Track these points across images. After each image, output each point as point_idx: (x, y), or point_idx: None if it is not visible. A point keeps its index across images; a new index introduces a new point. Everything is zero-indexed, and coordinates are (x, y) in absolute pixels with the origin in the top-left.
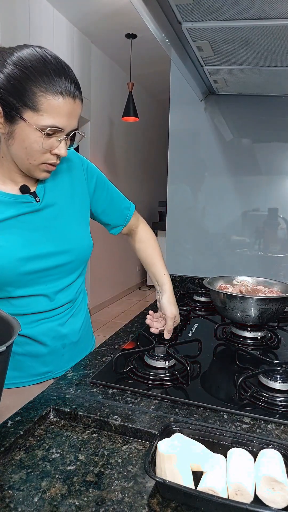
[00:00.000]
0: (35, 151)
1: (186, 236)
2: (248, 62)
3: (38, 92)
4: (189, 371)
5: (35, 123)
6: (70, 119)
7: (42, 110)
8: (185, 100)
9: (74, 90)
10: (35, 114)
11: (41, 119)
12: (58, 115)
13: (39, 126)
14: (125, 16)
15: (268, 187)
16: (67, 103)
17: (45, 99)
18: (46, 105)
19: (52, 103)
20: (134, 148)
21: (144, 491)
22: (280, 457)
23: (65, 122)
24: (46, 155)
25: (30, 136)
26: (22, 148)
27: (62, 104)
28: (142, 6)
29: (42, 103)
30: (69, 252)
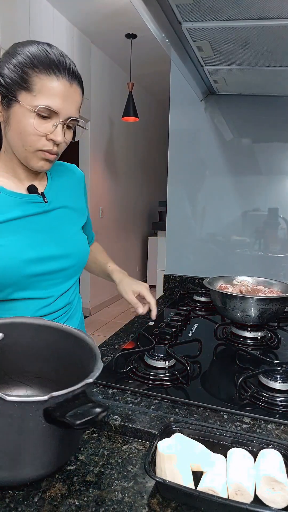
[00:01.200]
0: (29, 134)
1: (186, 236)
2: (248, 62)
3: (32, 73)
4: (189, 371)
5: (29, 103)
6: (65, 102)
7: (35, 90)
8: (185, 100)
9: (70, 74)
10: (29, 94)
11: (35, 99)
12: (51, 95)
13: (32, 105)
14: (125, 16)
15: (268, 187)
16: (61, 84)
17: (38, 79)
18: (40, 85)
19: (45, 83)
20: (134, 148)
21: (144, 491)
22: (280, 457)
23: (59, 105)
24: (42, 141)
25: (24, 119)
26: (17, 133)
27: (55, 85)
28: (142, 6)
29: (35, 83)
30: (71, 256)
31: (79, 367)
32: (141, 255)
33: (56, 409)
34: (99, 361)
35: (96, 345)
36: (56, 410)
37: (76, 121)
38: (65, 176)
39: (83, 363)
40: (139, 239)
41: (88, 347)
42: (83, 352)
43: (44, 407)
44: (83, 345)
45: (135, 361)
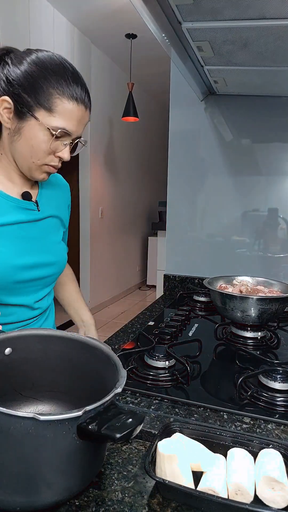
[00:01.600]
0: (41, 150)
1: (186, 236)
2: (248, 62)
3: (54, 94)
4: (189, 371)
5: (47, 123)
6: (79, 125)
7: (56, 112)
8: (185, 100)
9: (87, 99)
10: (49, 114)
11: (54, 120)
12: (70, 119)
13: (50, 126)
14: (125, 16)
15: (268, 187)
16: (80, 109)
17: (60, 102)
18: (61, 108)
19: (66, 106)
20: (134, 148)
21: (144, 491)
22: (280, 457)
23: (75, 128)
24: (50, 157)
25: (39, 135)
26: (28, 146)
27: (75, 110)
28: (142, 6)
29: (57, 105)
30: (55, 264)
31: (94, 377)
32: (141, 255)
33: (89, 424)
34: (121, 369)
35: (114, 353)
36: (90, 425)
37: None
38: (54, 186)
39: (98, 372)
40: (139, 239)
41: (103, 355)
42: (97, 360)
43: (78, 423)
44: (97, 354)
45: (135, 361)
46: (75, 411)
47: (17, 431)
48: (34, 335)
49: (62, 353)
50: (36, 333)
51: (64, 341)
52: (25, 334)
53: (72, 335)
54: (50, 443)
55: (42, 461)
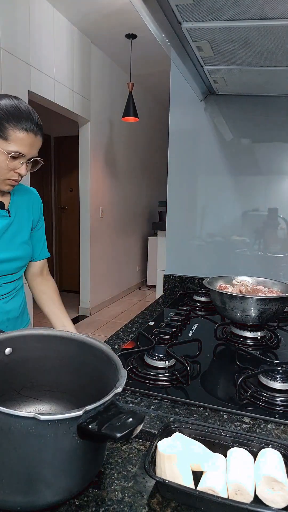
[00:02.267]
0: (2, 168)
1: (186, 236)
2: (248, 62)
3: (8, 127)
4: (189, 371)
5: (4, 148)
6: (31, 149)
7: (10, 140)
8: (185, 100)
9: (36, 129)
10: (4, 142)
11: (9, 146)
12: (22, 144)
13: (6, 150)
14: (125, 16)
15: (268, 187)
16: (30, 137)
17: (13, 132)
18: (14, 137)
19: (18, 135)
20: (134, 148)
21: (144, 490)
22: (280, 457)
23: (27, 151)
24: (11, 173)
25: None
26: None
27: (25, 137)
28: (142, 6)
29: (10, 135)
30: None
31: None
32: (141, 255)
33: (89, 423)
34: (121, 368)
35: (114, 353)
36: (90, 425)
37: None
38: (25, 196)
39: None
40: (139, 239)
41: (103, 355)
42: (97, 360)
43: (78, 423)
44: (97, 353)
45: (135, 361)
46: (75, 410)
47: (18, 430)
48: (34, 335)
49: (62, 353)
50: (36, 333)
51: (64, 341)
52: (25, 334)
53: (72, 335)
54: (51, 442)
55: (42, 460)
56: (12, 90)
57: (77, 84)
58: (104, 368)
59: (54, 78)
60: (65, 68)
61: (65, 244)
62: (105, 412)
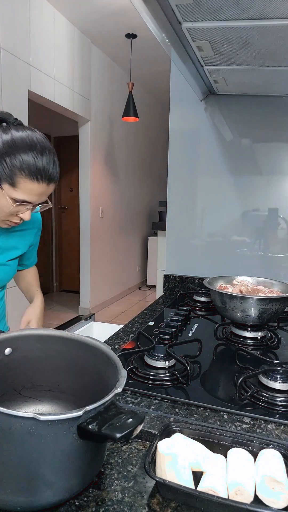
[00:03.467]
0: (3, 212)
1: (186, 236)
2: (249, 62)
3: (19, 175)
4: (189, 371)
5: (10, 194)
6: (40, 198)
7: (18, 188)
8: (185, 100)
9: (50, 176)
10: (11, 188)
11: (15, 193)
12: (31, 194)
13: (12, 197)
14: (125, 16)
15: (268, 187)
16: (41, 187)
17: (23, 181)
18: (23, 186)
19: (28, 186)
20: (134, 148)
21: (144, 491)
22: (280, 457)
23: (35, 200)
24: (12, 216)
25: (2, 201)
26: None
27: (36, 188)
28: (142, 6)
29: (19, 183)
30: None
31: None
32: (141, 255)
33: (89, 424)
34: (121, 368)
35: (114, 353)
36: (90, 425)
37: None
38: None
39: (98, 372)
40: (139, 239)
41: (103, 355)
42: (97, 360)
43: (78, 423)
44: (97, 353)
45: (135, 361)
46: (75, 411)
47: (18, 431)
48: (34, 335)
49: (62, 353)
50: (36, 333)
51: (64, 341)
52: (25, 334)
53: (72, 335)
54: (51, 443)
55: (43, 461)
56: (12, 90)
57: (77, 83)
58: (104, 368)
59: (54, 78)
60: (65, 68)
61: (65, 244)
62: (105, 412)
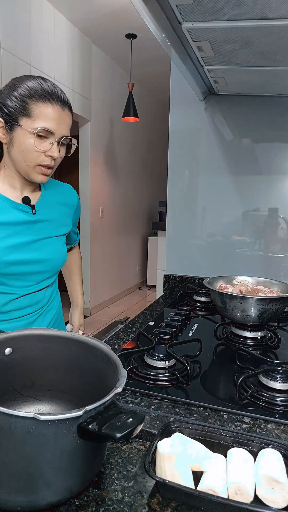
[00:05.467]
0: (31, 152)
1: (186, 236)
2: (249, 62)
3: (31, 102)
4: (189, 371)
5: (29, 126)
6: (59, 124)
7: (34, 115)
8: (185, 100)
9: (62, 101)
10: (29, 119)
11: (34, 123)
12: (47, 118)
13: (32, 128)
14: (125, 16)
15: (268, 187)
16: (55, 109)
17: (36, 106)
18: (37, 111)
19: (42, 109)
20: (134, 148)
21: (144, 490)
22: (280, 457)
23: (54, 126)
24: (41, 157)
25: (26, 139)
26: (19, 151)
27: (50, 110)
28: (142, 6)
29: (33, 110)
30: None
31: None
32: (141, 255)
33: (89, 423)
34: (121, 368)
35: (114, 353)
36: (90, 424)
37: (68, 138)
38: (59, 194)
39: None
40: (139, 239)
41: (103, 355)
42: (97, 360)
43: (78, 422)
44: (97, 353)
45: (135, 361)
46: (75, 410)
47: (18, 430)
48: (34, 335)
49: (62, 352)
50: (36, 333)
51: (64, 341)
52: (25, 334)
53: (72, 335)
54: (51, 442)
55: (43, 460)
56: None
57: (77, 84)
58: (104, 368)
59: (54, 78)
60: (65, 68)
61: None
62: (105, 412)
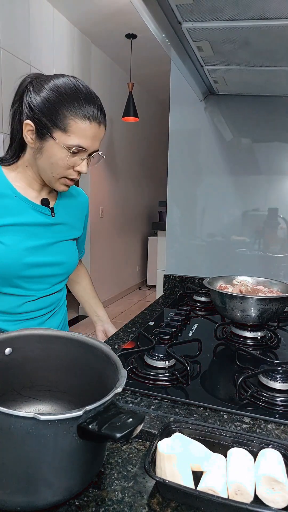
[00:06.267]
0: (60, 166)
1: (186, 236)
2: (248, 62)
3: (68, 116)
4: (189, 371)
5: (63, 142)
6: (94, 141)
7: (70, 132)
8: (185, 100)
9: (100, 117)
10: (64, 134)
11: (69, 139)
12: (84, 137)
13: (66, 145)
14: (125, 16)
15: (268, 187)
16: (93, 127)
17: (74, 122)
18: (74, 128)
19: (79, 126)
20: (134, 148)
21: (144, 491)
22: (280, 457)
23: (89, 144)
24: (69, 171)
25: (57, 153)
26: (48, 163)
27: (88, 128)
28: (142, 6)
29: (71, 126)
30: (63, 265)
31: (94, 376)
32: (141, 255)
33: (89, 423)
34: (121, 368)
35: (114, 353)
36: (90, 425)
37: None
38: (72, 197)
39: (98, 371)
40: (139, 239)
41: (103, 354)
42: (97, 360)
43: (78, 423)
44: (97, 353)
45: (135, 361)
46: (75, 411)
47: (17, 430)
48: (34, 335)
49: (62, 352)
50: (36, 333)
51: (63, 340)
52: (25, 334)
53: (72, 334)
54: (50, 443)
55: (42, 461)
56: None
57: None
58: (104, 368)
59: None
60: (65, 68)
61: None
62: (105, 412)
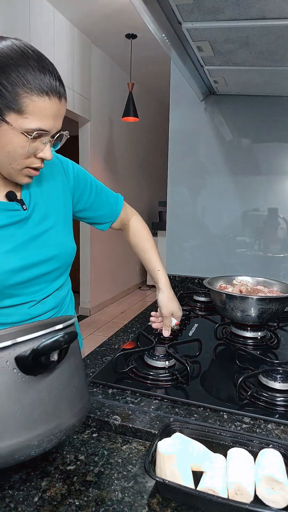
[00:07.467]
0: (19, 155)
1: (186, 236)
2: (248, 62)
3: (22, 93)
4: (189, 371)
5: (20, 126)
6: (56, 121)
7: (27, 112)
8: (185, 100)
9: (59, 88)
10: (20, 116)
11: (27, 122)
12: (45, 117)
13: (24, 129)
14: (125, 16)
15: (268, 187)
16: (53, 103)
17: (30, 100)
18: (32, 107)
19: (38, 104)
20: (134, 148)
21: (144, 491)
22: (280, 457)
23: (51, 125)
24: (30, 159)
25: (14, 140)
26: (4, 152)
27: (48, 106)
28: (142, 6)
29: (27, 105)
30: (55, 258)
31: None
32: None
33: (25, 352)
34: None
35: None
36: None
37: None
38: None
39: None
40: None
41: None
42: None
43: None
44: None
45: (135, 361)
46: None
47: None
48: None
49: None
50: None
51: None
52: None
53: None
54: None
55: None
56: None
57: (77, 84)
58: None
59: None
60: (65, 68)
61: None
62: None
